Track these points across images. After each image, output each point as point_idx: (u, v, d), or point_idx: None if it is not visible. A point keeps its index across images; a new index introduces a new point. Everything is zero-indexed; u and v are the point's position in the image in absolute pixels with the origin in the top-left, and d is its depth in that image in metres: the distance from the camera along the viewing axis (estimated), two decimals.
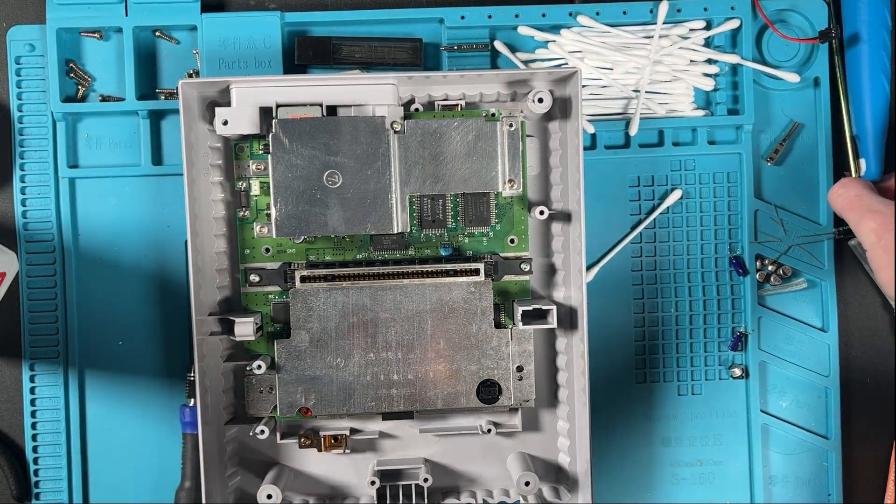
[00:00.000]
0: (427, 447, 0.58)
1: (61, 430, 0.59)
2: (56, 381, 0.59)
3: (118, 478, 0.59)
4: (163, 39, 0.60)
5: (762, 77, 0.61)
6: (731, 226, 0.61)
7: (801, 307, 0.61)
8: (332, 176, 0.52)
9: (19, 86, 0.59)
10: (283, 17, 0.58)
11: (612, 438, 0.61)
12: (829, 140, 0.61)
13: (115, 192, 0.59)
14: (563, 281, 0.56)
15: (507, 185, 0.55)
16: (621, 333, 0.60)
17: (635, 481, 0.61)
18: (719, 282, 0.61)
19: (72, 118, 0.59)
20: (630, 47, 0.59)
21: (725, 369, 0.61)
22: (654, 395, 0.61)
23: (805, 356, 0.61)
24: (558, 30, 0.59)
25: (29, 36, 0.59)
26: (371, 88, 0.53)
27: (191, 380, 0.57)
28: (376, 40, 0.59)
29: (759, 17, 0.59)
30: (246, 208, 0.56)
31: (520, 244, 0.56)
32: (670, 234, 0.61)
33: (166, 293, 0.59)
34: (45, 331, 0.59)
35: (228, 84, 0.53)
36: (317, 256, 0.56)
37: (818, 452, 0.61)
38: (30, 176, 0.59)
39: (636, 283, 0.61)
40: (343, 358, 0.53)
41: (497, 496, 0.57)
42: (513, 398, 0.54)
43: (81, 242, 0.59)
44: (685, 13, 0.59)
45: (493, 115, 0.55)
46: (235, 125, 0.53)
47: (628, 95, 0.60)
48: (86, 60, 0.59)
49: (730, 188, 0.60)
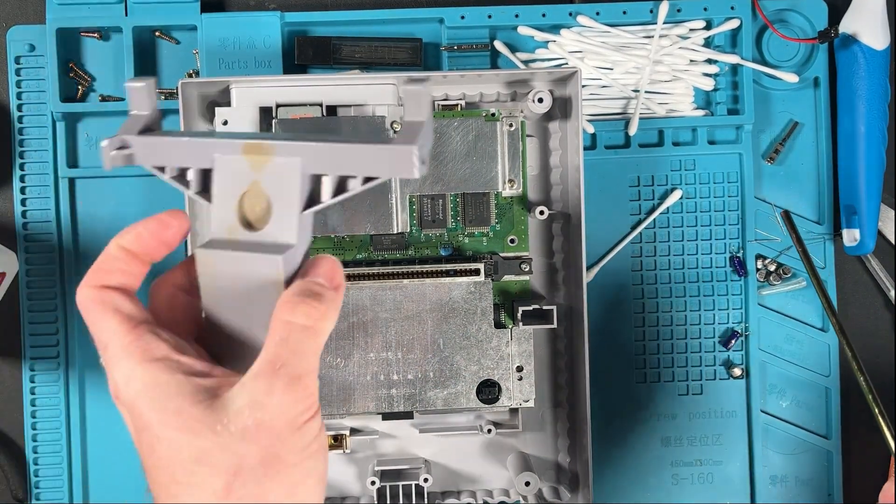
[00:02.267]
0: (427, 447, 0.58)
1: (61, 430, 0.59)
2: (56, 381, 0.59)
3: (118, 478, 0.59)
4: (163, 39, 0.60)
5: (762, 77, 0.60)
6: (731, 225, 0.61)
7: (801, 307, 0.61)
8: None
9: (19, 86, 0.59)
10: (283, 17, 0.58)
11: (612, 438, 0.60)
12: (829, 140, 0.61)
13: (115, 193, 0.59)
14: (564, 281, 0.56)
15: (507, 185, 0.55)
16: (621, 333, 0.60)
17: (635, 481, 0.61)
18: (719, 281, 0.61)
19: (72, 118, 0.59)
20: (630, 47, 0.59)
21: (725, 369, 0.61)
22: (654, 395, 0.61)
23: (805, 356, 0.61)
24: (558, 30, 0.59)
25: (29, 36, 0.59)
26: (371, 88, 0.53)
27: None
28: (376, 40, 0.59)
29: (759, 17, 0.59)
30: None
31: (520, 244, 0.56)
32: (670, 234, 0.61)
33: None
34: (45, 331, 0.59)
35: (228, 84, 0.53)
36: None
37: (818, 452, 0.61)
38: (29, 176, 0.59)
39: (636, 284, 0.61)
40: (343, 358, 0.53)
41: (497, 496, 0.57)
42: (513, 398, 0.54)
43: (81, 242, 0.59)
44: (685, 13, 0.59)
45: (493, 115, 0.55)
46: (235, 125, 0.53)
47: (628, 95, 0.60)
48: (86, 60, 0.59)
49: (730, 188, 0.60)
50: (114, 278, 0.35)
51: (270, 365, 0.32)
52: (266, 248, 0.33)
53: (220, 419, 0.31)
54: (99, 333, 0.34)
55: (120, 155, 0.36)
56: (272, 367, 0.32)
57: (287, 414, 0.31)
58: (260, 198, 0.34)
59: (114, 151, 0.36)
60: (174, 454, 0.31)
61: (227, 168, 0.34)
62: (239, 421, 0.31)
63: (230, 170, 0.34)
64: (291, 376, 0.31)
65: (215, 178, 0.35)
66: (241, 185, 0.34)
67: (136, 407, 0.32)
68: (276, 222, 0.34)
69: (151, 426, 0.31)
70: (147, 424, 0.32)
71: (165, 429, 0.31)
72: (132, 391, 0.32)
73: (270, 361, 0.32)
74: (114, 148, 0.36)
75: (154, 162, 0.36)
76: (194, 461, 0.31)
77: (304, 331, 0.32)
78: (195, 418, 0.31)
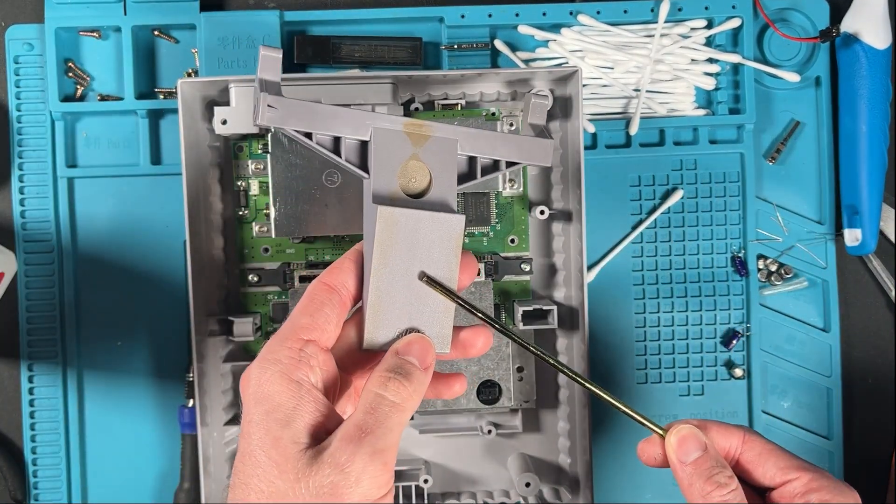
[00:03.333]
0: (427, 448, 0.58)
1: (60, 430, 0.59)
2: (55, 381, 0.59)
3: (117, 478, 0.59)
4: (162, 38, 0.59)
5: (763, 76, 0.60)
6: (732, 225, 0.60)
7: (803, 307, 0.61)
8: (332, 176, 0.52)
9: (18, 85, 0.59)
10: (283, 16, 0.58)
11: (612, 439, 0.60)
12: (831, 140, 0.61)
13: (114, 192, 0.59)
14: (564, 281, 0.56)
15: (507, 184, 0.54)
16: (622, 334, 0.60)
17: (635, 482, 0.60)
18: (720, 281, 0.60)
19: (70, 118, 0.58)
20: (631, 46, 0.59)
21: (726, 370, 0.60)
22: (656, 396, 0.60)
23: (806, 356, 0.61)
24: (559, 29, 0.59)
25: (27, 35, 0.59)
26: (370, 87, 0.53)
27: (190, 380, 0.57)
28: (376, 39, 0.58)
29: (761, 16, 0.59)
30: (245, 208, 0.55)
31: (520, 244, 0.56)
32: (671, 233, 0.60)
33: (165, 293, 0.59)
34: (43, 331, 0.59)
35: (228, 83, 0.53)
36: (316, 256, 0.56)
37: (820, 453, 0.61)
38: (28, 176, 0.59)
39: (637, 284, 0.60)
40: None
41: (497, 497, 0.57)
42: (513, 399, 0.54)
43: (80, 242, 0.59)
44: (686, 12, 0.59)
45: (494, 114, 0.55)
46: (234, 125, 0.53)
47: (629, 95, 0.59)
48: (84, 60, 0.59)
49: (731, 188, 0.60)
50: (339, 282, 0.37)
51: (357, 429, 0.33)
52: (444, 210, 0.37)
53: (306, 470, 0.32)
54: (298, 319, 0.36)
55: (275, 114, 0.38)
56: (358, 432, 0.33)
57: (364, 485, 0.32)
58: (419, 170, 0.38)
59: (270, 112, 0.38)
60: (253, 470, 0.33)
61: (386, 140, 0.38)
62: (319, 479, 0.32)
63: (391, 142, 0.38)
64: (375, 448, 0.32)
65: (374, 148, 0.38)
66: (401, 157, 0.38)
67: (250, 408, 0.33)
68: (437, 192, 0.38)
69: (251, 433, 0.33)
70: (249, 427, 0.33)
71: (260, 447, 0.33)
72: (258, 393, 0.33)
73: (358, 426, 0.33)
74: (267, 104, 0.38)
75: (304, 127, 0.38)
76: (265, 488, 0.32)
77: (392, 406, 0.34)
78: (286, 457, 0.32)
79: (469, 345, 0.39)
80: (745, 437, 0.39)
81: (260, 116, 0.37)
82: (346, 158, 0.39)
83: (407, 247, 0.37)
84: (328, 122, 0.38)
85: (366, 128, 0.38)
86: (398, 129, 0.38)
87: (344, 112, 0.38)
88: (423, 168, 0.38)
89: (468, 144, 0.40)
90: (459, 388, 0.41)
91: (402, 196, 0.38)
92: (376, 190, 0.38)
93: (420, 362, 0.36)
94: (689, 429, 0.38)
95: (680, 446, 0.38)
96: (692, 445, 0.38)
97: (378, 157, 0.38)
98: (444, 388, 0.40)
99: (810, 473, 0.37)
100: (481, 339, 0.39)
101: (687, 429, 0.38)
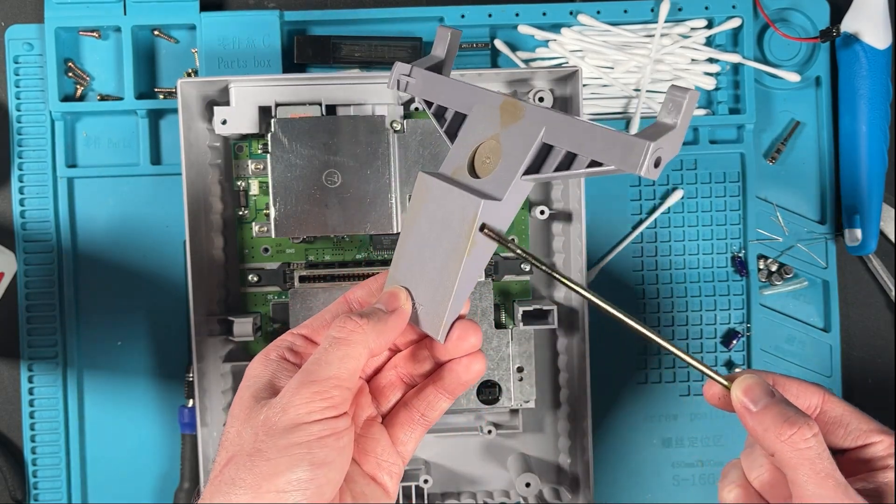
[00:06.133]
0: (427, 448, 0.58)
1: (60, 430, 0.59)
2: (54, 381, 0.59)
3: (117, 478, 0.59)
4: (162, 38, 0.59)
5: (763, 76, 0.60)
6: (732, 225, 0.60)
7: (803, 307, 0.61)
8: (332, 176, 0.52)
9: (18, 85, 0.59)
10: (283, 16, 0.58)
11: (612, 439, 0.60)
12: (831, 140, 0.61)
13: (114, 192, 0.59)
14: None
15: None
16: (622, 334, 0.60)
17: (636, 482, 0.60)
18: (720, 281, 0.60)
19: (70, 117, 0.58)
20: (631, 46, 0.59)
21: (727, 370, 0.60)
22: (655, 396, 0.60)
23: (807, 356, 0.61)
24: (559, 28, 0.59)
25: (27, 35, 0.59)
26: (371, 88, 0.53)
27: (189, 380, 0.57)
28: (376, 39, 0.58)
29: (761, 15, 0.59)
30: (245, 208, 0.55)
31: (520, 244, 0.56)
32: (671, 233, 0.60)
33: (165, 293, 0.59)
34: (43, 331, 0.59)
35: (227, 83, 0.53)
36: (316, 256, 0.56)
37: None
38: (28, 176, 0.59)
39: (637, 284, 0.60)
40: None
41: (497, 497, 0.57)
42: (513, 399, 0.54)
43: (80, 242, 0.59)
44: (686, 12, 0.59)
45: None
46: (234, 124, 0.53)
47: (629, 94, 0.59)
48: (84, 59, 0.59)
49: (731, 188, 0.60)
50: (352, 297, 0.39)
51: (301, 371, 0.34)
52: (474, 193, 0.36)
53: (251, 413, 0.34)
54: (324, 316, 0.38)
55: (405, 80, 0.40)
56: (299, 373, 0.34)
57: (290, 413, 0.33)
58: (494, 151, 0.37)
59: (402, 76, 0.40)
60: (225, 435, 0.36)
61: (480, 116, 0.38)
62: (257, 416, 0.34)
63: (482, 119, 0.38)
64: (304, 379, 0.34)
65: (467, 122, 0.38)
66: (484, 135, 0.38)
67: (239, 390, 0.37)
68: (496, 176, 0.37)
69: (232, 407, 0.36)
70: None
71: (231, 411, 0.36)
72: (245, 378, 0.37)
73: (305, 368, 0.34)
74: (402, 73, 0.40)
75: (424, 95, 0.40)
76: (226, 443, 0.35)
77: (334, 341, 0.35)
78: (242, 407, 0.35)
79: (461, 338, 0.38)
80: (825, 396, 0.38)
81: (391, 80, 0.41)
82: (445, 130, 0.40)
83: (431, 217, 0.37)
84: (442, 93, 0.39)
85: (470, 102, 0.39)
86: (495, 107, 0.38)
87: (454, 84, 0.39)
88: (497, 150, 0.37)
89: (555, 133, 0.35)
90: (480, 367, 0.39)
91: (462, 172, 0.37)
92: (447, 161, 0.38)
93: (385, 304, 0.37)
94: (753, 377, 0.36)
95: (746, 394, 0.36)
96: (759, 392, 0.36)
97: (465, 131, 0.38)
98: (463, 369, 0.38)
99: (891, 437, 0.37)
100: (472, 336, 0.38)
101: (751, 378, 0.36)
